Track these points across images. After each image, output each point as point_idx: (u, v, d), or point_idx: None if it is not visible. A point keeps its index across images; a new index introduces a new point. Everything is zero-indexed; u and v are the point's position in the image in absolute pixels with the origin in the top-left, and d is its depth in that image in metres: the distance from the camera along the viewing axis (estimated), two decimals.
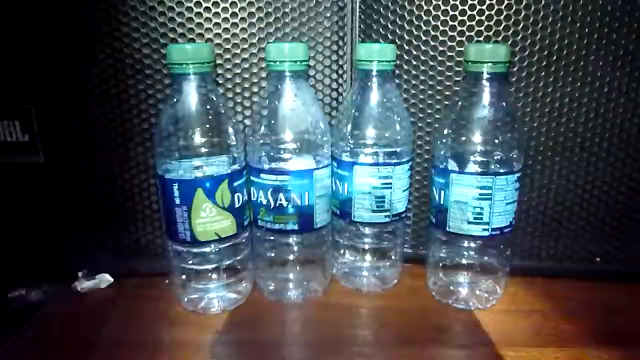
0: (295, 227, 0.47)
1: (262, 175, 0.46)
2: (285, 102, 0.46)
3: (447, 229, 0.48)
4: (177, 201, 0.44)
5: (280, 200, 0.46)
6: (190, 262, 0.47)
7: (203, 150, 0.44)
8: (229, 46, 0.50)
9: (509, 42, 0.48)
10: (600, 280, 0.53)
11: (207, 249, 0.46)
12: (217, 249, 0.46)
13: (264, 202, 0.46)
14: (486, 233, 0.46)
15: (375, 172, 0.48)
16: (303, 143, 0.46)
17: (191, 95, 0.43)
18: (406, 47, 0.51)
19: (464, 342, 0.45)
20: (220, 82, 0.51)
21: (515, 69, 0.49)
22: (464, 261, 0.49)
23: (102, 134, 0.51)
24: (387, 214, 0.50)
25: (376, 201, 0.49)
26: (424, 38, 0.50)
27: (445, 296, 0.50)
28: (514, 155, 0.45)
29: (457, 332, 0.47)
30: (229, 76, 0.51)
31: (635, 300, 0.50)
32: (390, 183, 0.49)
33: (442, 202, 0.48)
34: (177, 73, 0.42)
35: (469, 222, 0.46)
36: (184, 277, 0.48)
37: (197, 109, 0.44)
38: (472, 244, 0.48)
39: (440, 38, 0.50)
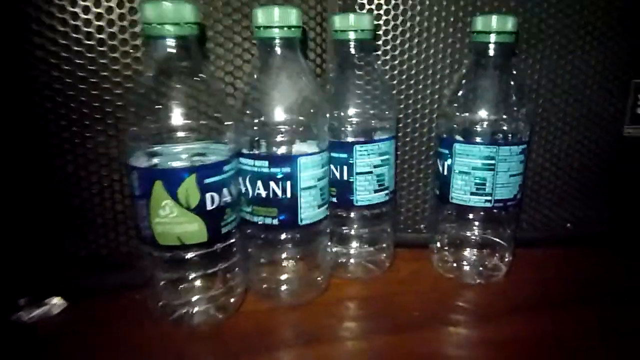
0: (275, 222, 0.41)
1: (242, 159, 0.40)
2: (272, 77, 0.41)
3: (450, 200, 0.47)
4: (137, 192, 0.37)
5: (259, 189, 0.41)
6: (157, 267, 0.40)
7: (170, 134, 0.36)
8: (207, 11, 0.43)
9: None
10: (572, 245, 0.56)
11: (168, 254, 0.38)
12: (183, 257, 0.39)
13: (243, 190, 0.41)
14: (489, 205, 0.46)
15: (376, 149, 0.45)
16: (291, 124, 0.41)
17: (162, 63, 0.36)
18: (386, 17, 0.48)
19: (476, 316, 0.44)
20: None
21: None
22: (468, 234, 0.49)
23: (48, 121, 0.41)
24: (387, 191, 0.47)
25: (377, 180, 0.46)
26: (402, 7, 0.48)
27: (450, 272, 0.49)
28: (520, 126, 0.45)
29: (466, 307, 0.45)
30: (209, 46, 0.44)
31: (606, 261, 0.53)
32: (388, 159, 0.46)
33: (445, 174, 0.47)
34: (151, 35, 0.35)
35: (472, 193, 0.46)
36: (159, 284, 0.40)
37: (167, 82, 0.37)
38: (476, 217, 0.48)
39: (426, 13, 0.48)
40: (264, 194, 0.40)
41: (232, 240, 0.40)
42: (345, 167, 0.45)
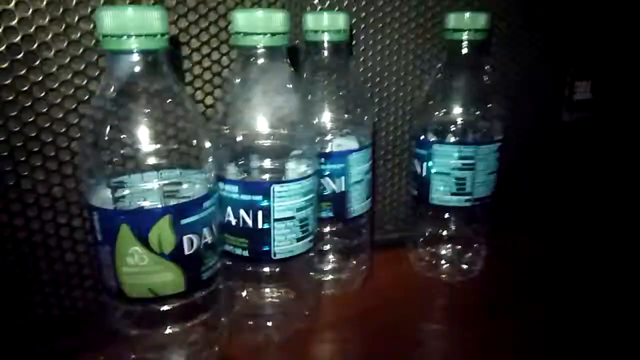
0: (246, 253, 0.36)
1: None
2: (255, 90, 0.35)
3: (430, 201, 0.46)
4: (99, 237, 0.30)
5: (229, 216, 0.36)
6: (126, 323, 0.33)
7: (137, 165, 0.30)
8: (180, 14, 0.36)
9: None
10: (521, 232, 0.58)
11: (138, 308, 0.32)
12: (156, 310, 0.32)
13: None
14: (469, 204, 0.46)
15: (367, 156, 0.43)
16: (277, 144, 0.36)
17: (125, 82, 0.29)
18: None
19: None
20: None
21: None
22: (445, 232, 0.49)
23: None
24: (371, 198, 0.45)
25: (367, 188, 0.44)
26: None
27: (429, 270, 0.49)
28: (495, 124, 0.46)
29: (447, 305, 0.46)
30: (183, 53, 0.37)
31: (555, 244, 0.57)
32: (371, 165, 0.44)
33: (424, 175, 0.46)
34: (113, 50, 0.28)
35: (452, 193, 0.46)
36: (129, 339, 0.33)
37: (131, 104, 0.30)
38: (454, 215, 0.48)
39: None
40: (233, 222, 0.36)
41: (213, 287, 0.34)
42: (342, 179, 0.42)
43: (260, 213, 0.35)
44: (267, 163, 0.36)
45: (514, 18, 0.52)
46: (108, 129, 0.29)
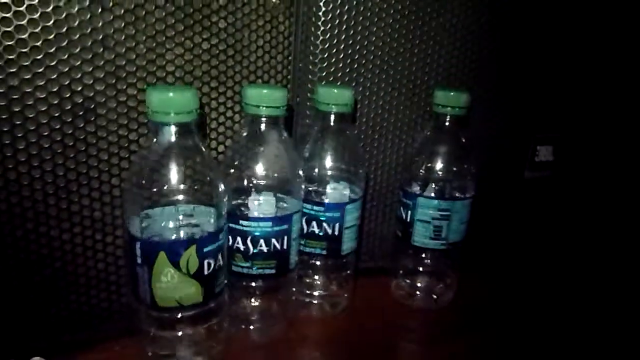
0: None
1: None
2: (260, 149, 0.44)
3: (412, 242, 0.54)
4: (139, 260, 0.39)
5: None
6: (153, 325, 0.42)
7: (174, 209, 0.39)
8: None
9: None
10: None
11: (166, 315, 0.41)
12: (180, 316, 0.41)
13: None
14: (444, 247, 0.53)
15: (359, 205, 0.50)
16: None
17: (166, 145, 0.38)
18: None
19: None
20: None
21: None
22: (422, 268, 0.56)
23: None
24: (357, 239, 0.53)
25: (357, 231, 0.52)
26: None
27: (405, 298, 0.57)
28: (469, 183, 0.53)
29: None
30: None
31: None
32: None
33: (408, 220, 0.54)
34: (158, 122, 0.37)
35: (430, 238, 0.53)
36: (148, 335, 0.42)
37: (174, 163, 0.38)
38: (431, 255, 0.55)
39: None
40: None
41: (221, 298, 0.44)
42: (337, 224, 0.49)
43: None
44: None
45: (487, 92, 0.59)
46: (144, 177, 0.38)
